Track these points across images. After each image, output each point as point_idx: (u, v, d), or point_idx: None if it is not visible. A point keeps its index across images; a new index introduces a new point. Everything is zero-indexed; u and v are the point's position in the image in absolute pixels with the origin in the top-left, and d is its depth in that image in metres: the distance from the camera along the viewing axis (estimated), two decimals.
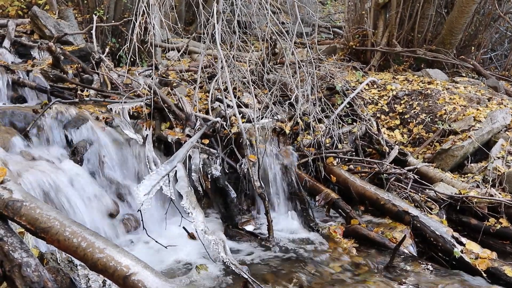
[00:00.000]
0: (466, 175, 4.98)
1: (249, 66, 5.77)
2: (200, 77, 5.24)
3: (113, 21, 7.27)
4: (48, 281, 2.30)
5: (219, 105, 5.06)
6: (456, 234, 3.85)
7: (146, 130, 4.50)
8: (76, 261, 2.68)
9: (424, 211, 4.22)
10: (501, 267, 3.48)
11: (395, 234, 3.94)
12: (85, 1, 7.87)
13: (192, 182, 4.11)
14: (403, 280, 3.39)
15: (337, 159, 4.86)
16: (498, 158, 4.94)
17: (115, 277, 2.22)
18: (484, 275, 3.47)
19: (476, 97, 5.97)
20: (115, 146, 4.26)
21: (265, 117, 4.94)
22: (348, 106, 5.75)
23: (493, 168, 4.77)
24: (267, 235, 3.96)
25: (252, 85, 5.19)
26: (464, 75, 7.51)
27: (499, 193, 4.43)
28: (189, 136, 4.38)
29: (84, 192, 3.76)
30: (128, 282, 2.18)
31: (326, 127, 5.05)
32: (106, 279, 2.32)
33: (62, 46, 6.31)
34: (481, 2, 7.70)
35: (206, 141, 4.52)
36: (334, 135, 5.00)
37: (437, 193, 4.50)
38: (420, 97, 6.11)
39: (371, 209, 4.43)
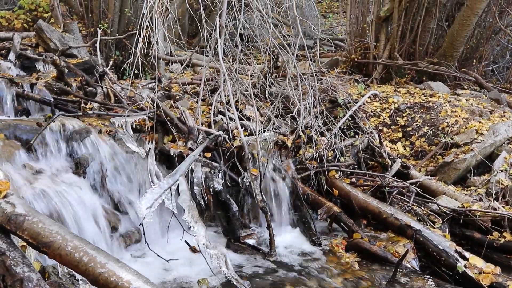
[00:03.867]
0: (469, 188, 4.96)
1: (251, 79, 5.81)
2: (203, 90, 5.28)
3: (117, 35, 7.37)
4: None
5: (221, 118, 5.08)
6: (459, 248, 3.82)
7: (148, 143, 4.51)
8: (78, 276, 2.68)
9: (427, 225, 4.20)
10: (505, 282, 3.44)
11: (398, 248, 3.91)
12: (90, 15, 7.98)
13: (194, 196, 4.11)
14: None
15: (339, 172, 4.85)
16: (501, 171, 4.93)
17: None
18: None
19: (478, 110, 5.97)
20: (117, 159, 4.28)
21: (267, 130, 4.95)
22: (350, 119, 5.76)
23: (496, 181, 4.75)
24: (269, 249, 3.95)
25: (254, 98, 5.22)
26: (466, 87, 7.52)
27: (503, 207, 4.40)
28: (191, 149, 4.39)
29: (86, 205, 3.76)
30: None
31: (328, 140, 5.06)
32: None
33: (66, 59, 6.39)
34: (482, 15, 7.75)
35: (208, 155, 4.53)
36: (336, 148, 5.00)
37: (440, 206, 4.47)
38: (422, 110, 6.12)
39: (373, 223, 4.41)
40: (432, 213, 4.44)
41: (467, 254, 3.77)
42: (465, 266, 3.62)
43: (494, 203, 4.40)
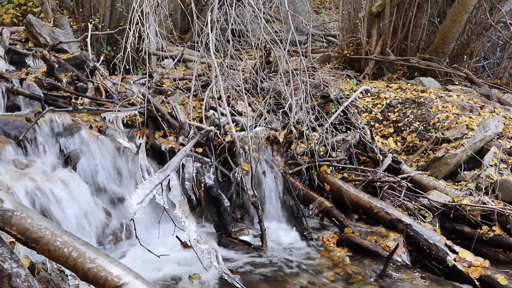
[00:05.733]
0: (459, 183, 5.00)
1: (243, 75, 5.79)
2: (194, 85, 5.25)
3: (108, 30, 7.29)
4: None
5: (213, 114, 5.07)
6: (449, 242, 3.86)
7: (139, 138, 4.49)
8: (67, 271, 2.66)
9: (418, 220, 4.23)
10: (494, 275, 3.49)
11: (389, 243, 3.94)
12: (81, 10, 7.89)
13: (185, 191, 4.10)
14: None
15: (330, 167, 4.87)
16: (491, 166, 4.97)
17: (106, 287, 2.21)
18: (477, 283, 3.47)
19: (469, 105, 6.02)
20: (108, 154, 4.25)
21: (259, 125, 4.95)
22: (342, 114, 5.78)
23: (486, 176, 4.79)
24: (261, 244, 3.95)
25: (246, 94, 5.21)
26: (457, 83, 7.58)
27: (492, 201, 4.45)
28: (182, 144, 4.38)
29: (77, 201, 3.75)
30: None
31: (320, 136, 5.07)
32: None
33: (56, 54, 6.31)
34: (473, 11, 7.79)
35: (200, 150, 4.52)
36: (328, 144, 5.01)
37: (430, 201, 4.51)
38: (413, 106, 6.15)
39: (364, 218, 4.44)
40: (423, 207, 4.48)
41: (457, 248, 3.82)
42: (455, 260, 3.66)
43: (484, 198, 4.44)
